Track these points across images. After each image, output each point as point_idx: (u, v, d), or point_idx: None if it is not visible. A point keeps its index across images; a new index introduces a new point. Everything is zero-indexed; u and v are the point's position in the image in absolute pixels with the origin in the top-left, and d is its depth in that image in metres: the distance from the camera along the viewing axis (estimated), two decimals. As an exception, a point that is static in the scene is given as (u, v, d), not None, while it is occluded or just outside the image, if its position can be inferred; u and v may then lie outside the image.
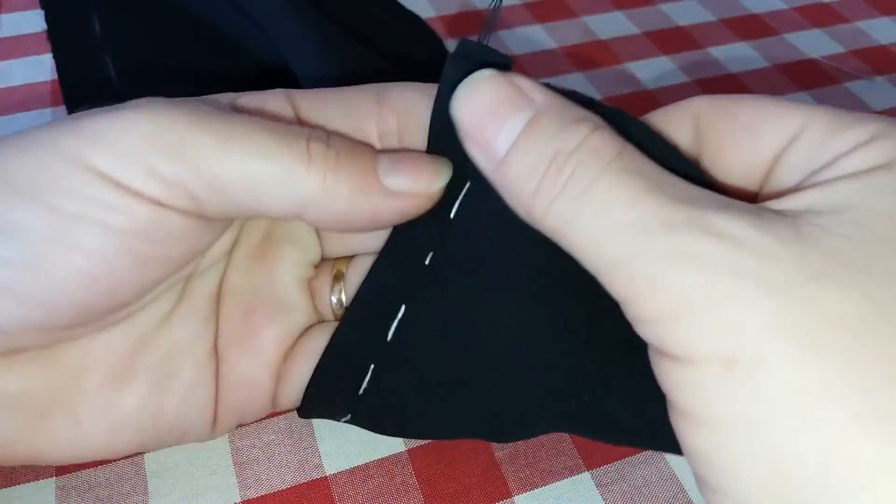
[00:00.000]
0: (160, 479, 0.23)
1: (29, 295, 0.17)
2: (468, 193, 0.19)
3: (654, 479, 0.24)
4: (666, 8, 0.46)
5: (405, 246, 0.20)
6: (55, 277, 0.17)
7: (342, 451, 0.24)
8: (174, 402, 0.21)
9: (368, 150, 0.20)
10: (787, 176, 0.17)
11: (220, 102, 0.20)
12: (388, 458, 0.24)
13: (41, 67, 0.39)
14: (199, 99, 0.20)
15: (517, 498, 0.23)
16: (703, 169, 0.19)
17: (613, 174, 0.16)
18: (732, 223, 0.15)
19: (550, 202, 0.16)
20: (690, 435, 0.15)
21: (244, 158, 0.18)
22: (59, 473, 0.23)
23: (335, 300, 0.23)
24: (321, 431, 0.25)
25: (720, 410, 0.14)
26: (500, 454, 0.24)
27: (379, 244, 0.21)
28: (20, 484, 0.23)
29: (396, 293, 0.21)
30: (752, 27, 0.44)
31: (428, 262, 0.20)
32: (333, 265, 0.23)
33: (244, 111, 0.20)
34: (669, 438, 0.17)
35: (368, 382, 0.21)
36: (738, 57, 0.42)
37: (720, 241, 0.14)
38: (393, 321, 0.21)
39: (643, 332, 0.16)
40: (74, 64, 0.34)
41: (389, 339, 0.21)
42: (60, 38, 0.34)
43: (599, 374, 0.20)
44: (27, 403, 0.20)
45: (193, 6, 0.35)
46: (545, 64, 0.41)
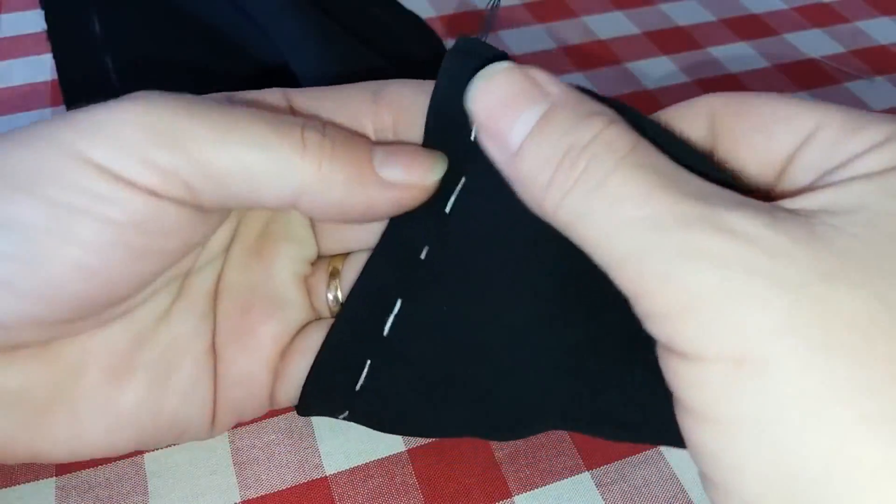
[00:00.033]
0: (160, 479, 0.23)
1: (27, 289, 0.17)
2: (464, 189, 0.19)
3: (654, 479, 0.24)
4: (666, 8, 0.46)
5: (400, 240, 0.20)
6: (53, 271, 0.17)
7: (342, 451, 0.24)
8: (173, 399, 0.21)
9: (364, 140, 0.20)
10: (800, 175, 0.17)
11: (216, 97, 0.20)
12: (388, 458, 0.24)
13: (41, 67, 0.39)
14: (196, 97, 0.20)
15: (517, 498, 0.23)
16: (717, 164, 0.19)
17: (627, 169, 0.16)
18: (746, 221, 0.15)
19: (563, 196, 0.16)
20: (696, 433, 0.15)
21: (239, 147, 0.18)
22: (58, 473, 0.23)
23: (331, 297, 0.23)
24: (321, 431, 0.25)
25: (728, 409, 0.14)
26: (500, 454, 0.24)
27: (375, 241, 0.21)
28: (20, 484, 0.23)
29: (392, 288, 0.21)
30: (752, 27, 0.44)
31: (423, 256, 0.20)
32: (329, 262, 0.23)
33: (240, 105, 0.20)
34: (669, 432, 0.17)
35: (365, 378, 0.21)
36: (738, 57, 0.42)
37: (733, 238, 0.14)
38: (389, 316, 0.21)
39: (652, 328, 0.16)
40: (74, 64, 0.34)
41: (386, 334, 0.21)
42: (60, 38, 0.34)
43: (598, 368, 0.20)
44: (26, 400, 0.20)
45: (193, 6, 0.35)
46: (545, 64, 0.41)
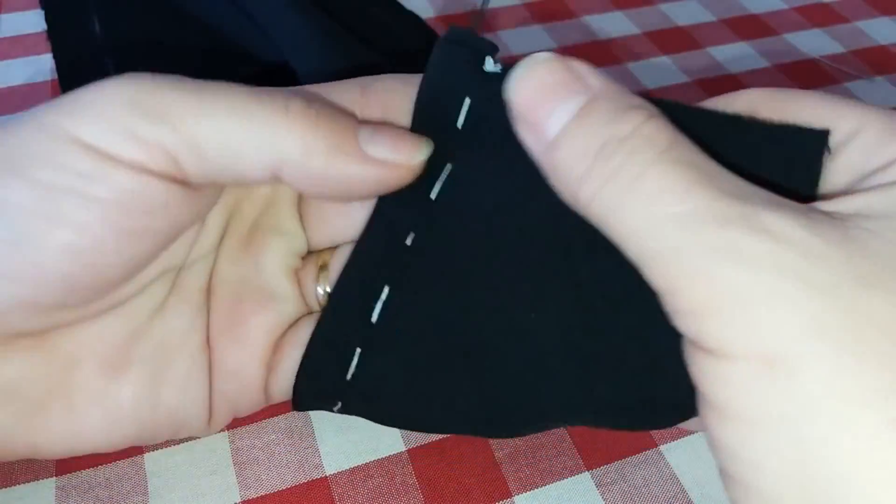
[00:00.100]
0: (160, 479, 0.23)
1: (15, 271, 0.17)
2: (450, 175, 0.19)
3: (654, 479, 0.24)
4: (666, 8, 0.46)
5: (385, 227, 0.20)
6: (40, 251, 0.17)
7: (342, 451, 0.24)
8: (170, 393, 0.21)
9: (350, 115, 0.20)
10: (838, 176, 0.17)
11: None
12: (388, 458, 0.24)
13: (41, 67, 0.39)
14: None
15: (517, 498, 0.23)
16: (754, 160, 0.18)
17: (666, 164, 0.16)
18: (782, 222, 0.15)
19: (599, 188, 0.16)
20: (720, 428, 0.15)
21: (221, 116, 0.18)
22: (58, 473, 0.23)
23: (321, 291, 0.23)
24: (321, 431, 0.25)
25: (753, 407, 0.14)
26: (500, 454, 0.24)
27: None
28: (20, 484, 0.23)
29: (378, 275, 0.21)
30: (752, 27, 0.44)
31: (409, 243, 0.20)
32: (319, 256, 0.23)
33: None
34: (666, 416, 0.17)
35: (356, 368, 0.21)
36: (738, 57, 0.42)
37: (769, 238, 0.14)
38: (377, 303, 0.21)
39: (681, 323, 0.16)
40: (74, 64, 0.34)
41: (374, 321, 0.21)
42: (60, 38, 0.34)
43: (592, 355, 0.20)
44: (22, 393, 0.20)
45: (194, 6, 0.35)
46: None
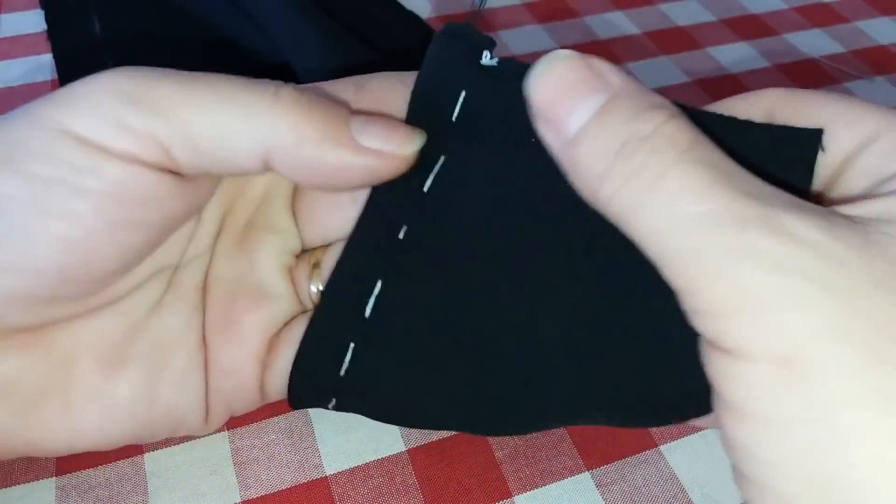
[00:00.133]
0: (160, 479, 0.23)
1: (9, 262, 0.18)
2: (443, 168, 0.19)
3: (654, 479, 0.24)
4: (666, 8, 0.46)
5: (378, 220, 0.20)
6: (34, 243, 0.18)
7: (342, 451, 0.24)
8: (167, 390, 0.21)
9: (342, 104, 0.20)
10: (856, 180, 0.17)
11: None
12: (388, 458, 0.24)
13: (41, 67, 0.39)
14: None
15: (517, 498, 0.23)
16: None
17: (687, 164, 0.16)
18: (802, 224, 0.15)
19: (619, 187, 0.16)
20: (736, 429, 0.15)
21: (212, 103, 0.18)
22: (58, 473, 0.23)
23: (314, 289, 0.23)
24: (321, 431, 0.25)
25: (771, 407, 0.14)
26: (500, 454, 0.24)
27: None
28: (20, 484, 0.23)
29: (371, 269, 0.21)
30: (752, 27, 0.44)
31: (402, 236, 0.20)
32: (312, 254, 0.23)
33: None
34: (666, 414, 0.17)
35: (349, 363, 0.21)
36: (738, 57, 0.42)
37: (789, 241, 0.14)
38: (370, 297, 0.21)
39: (699, 323, 0.16)
40: (74, 64, 0.34)
41: (367, 316, 0.21)
42: (60, 38, 0.34)
43: (590, 352, 0.20)
44: (19, 390, 0.20)
45: (194, 6, 0.35)
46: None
